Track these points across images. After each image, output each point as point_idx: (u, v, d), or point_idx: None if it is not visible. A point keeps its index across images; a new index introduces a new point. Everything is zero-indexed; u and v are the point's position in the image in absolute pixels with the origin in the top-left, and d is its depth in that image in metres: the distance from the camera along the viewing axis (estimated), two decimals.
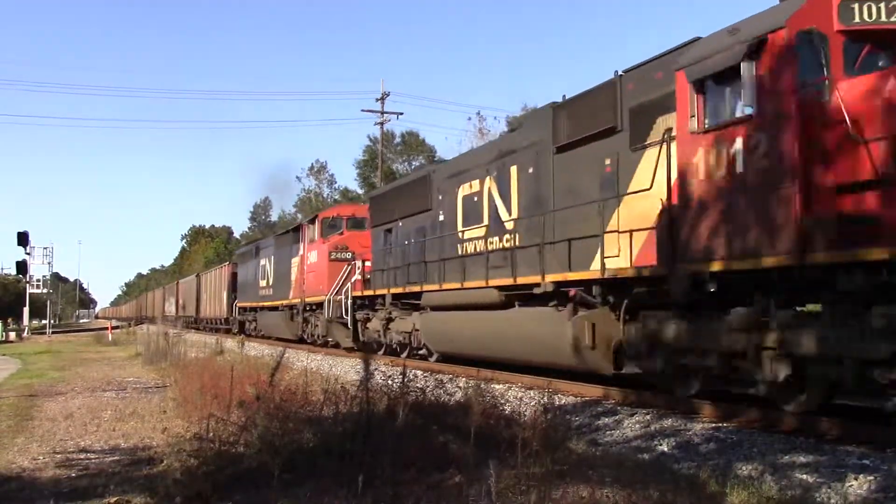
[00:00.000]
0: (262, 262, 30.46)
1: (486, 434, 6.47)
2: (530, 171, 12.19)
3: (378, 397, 7.05)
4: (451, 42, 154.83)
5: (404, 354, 17.08)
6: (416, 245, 16.32)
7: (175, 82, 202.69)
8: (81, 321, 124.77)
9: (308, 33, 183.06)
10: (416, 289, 15.76)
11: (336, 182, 74.18)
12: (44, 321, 68.46)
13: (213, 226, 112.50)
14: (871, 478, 5.73)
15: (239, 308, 34.86)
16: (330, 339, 22.02)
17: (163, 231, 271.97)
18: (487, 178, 13.47)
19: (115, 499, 5.83)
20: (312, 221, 24.28)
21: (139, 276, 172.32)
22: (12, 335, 46.13)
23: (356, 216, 23.13)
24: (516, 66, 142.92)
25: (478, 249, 13.70)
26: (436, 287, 14.89)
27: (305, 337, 24.39)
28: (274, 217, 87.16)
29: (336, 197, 68.02)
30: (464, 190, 14.43)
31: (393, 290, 17.16)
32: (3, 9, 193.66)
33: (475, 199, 13.92)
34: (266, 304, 29.31)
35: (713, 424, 8.03)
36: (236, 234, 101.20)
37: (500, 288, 12.54)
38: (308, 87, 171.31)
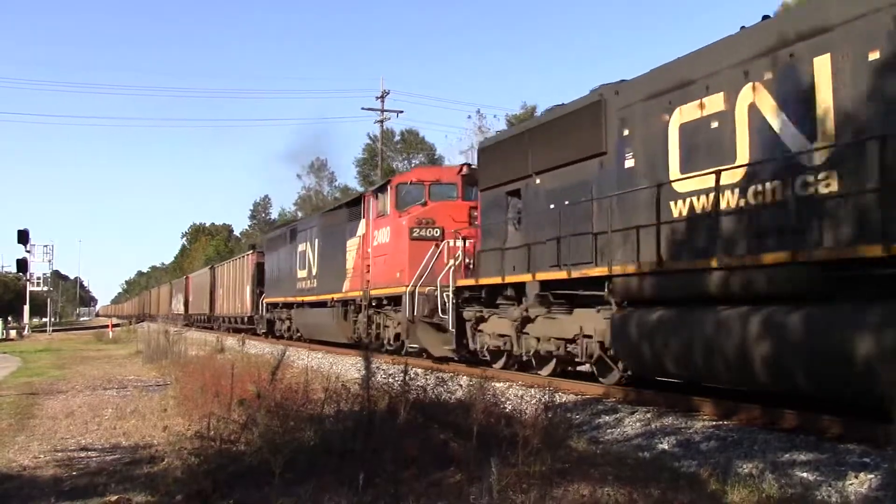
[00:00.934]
0: (302, 247, 24.62)
1: (487, 432, 6.47)
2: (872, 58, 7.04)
3: (379, 395, 7.05)
4: (450, 41, 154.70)
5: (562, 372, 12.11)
6: (579, 209, 10.76)
7: (175, 81, 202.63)
8: (82, 319, 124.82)
9: (308, 32, 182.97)
10: (600, 271, 10.02)
11: (336, 180, 74.23)
12: (44, 319, 68.53)
13: (213, 224, 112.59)
14: (872, 476, 5.73)
15: (267, 304, 29.42)
16: (412, 346, 16.58)
17: (163, 229, 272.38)
18: (748, 85, 8.27)
19: (115, 497, 5.83)
20: (382, 190, 18.08)
21: (139, 274, 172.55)
22: (13, 333, 46.11)
23: (442, 181, 17.53)
24: (516, 66, 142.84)
25: (730, 205, 8.37)
26: (650, 267, 9.23)
27: (367, 341, 17.97)
28: (274, 215, 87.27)
29: (336, 195, 67.93)
30: (684, 114, 9.13)
31: (547, 276, 11.23)
32: (3, 7, 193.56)
33: (714, 124, 8.69)
34: (307, 299, 23.42)
35: (713, 422, 8.04)
36: (236, 233, 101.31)
37: (823, 265, 7.23)
38: (308, 87, 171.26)
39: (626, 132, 10.09)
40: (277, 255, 28.17)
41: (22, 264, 48.18)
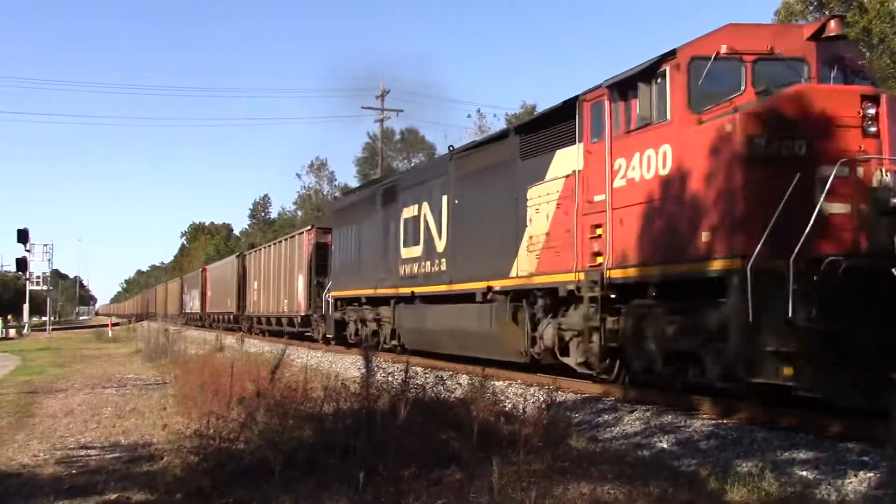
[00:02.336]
0: (409, 212, 16.37)
1: (487, 431, 6.47)
2: None
3: (379, 394, 7.05)
4: (451, 41, 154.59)
5: None
6: None
7: (174, 80, 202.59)
8: (81, 318, 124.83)
9: (307, 31, 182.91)
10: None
11: (336, 179, 74.21)
12: (44, 318, 68.48)
13: (212, 223, 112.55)
14: (871, 474, 5.73)
15: (336, 300, 20.94)
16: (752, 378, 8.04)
17: (163, 228, 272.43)
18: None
19: (115, 496, 5.83)
20: (646, 78, 9.38)
21: (139, 273, 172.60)
22: (12, 332, 46.11)
23: (778, 54, 9.04)
24: (516, 64, 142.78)
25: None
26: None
27: (574, 364, 10.77)
28: (273, 214, 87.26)
29: (336, 194, 67.80)
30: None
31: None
32: (3, 6, 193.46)
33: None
34: (425, 290, 15.28)
35: (713, 421, 8.04)
36: (236, 232, 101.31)
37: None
38: (308, 86, 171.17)
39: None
40: (357, 231, 19.64)
41: (21, 263, 48.13)
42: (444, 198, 14.71)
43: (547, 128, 11.59)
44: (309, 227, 25.48)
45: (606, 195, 9.83)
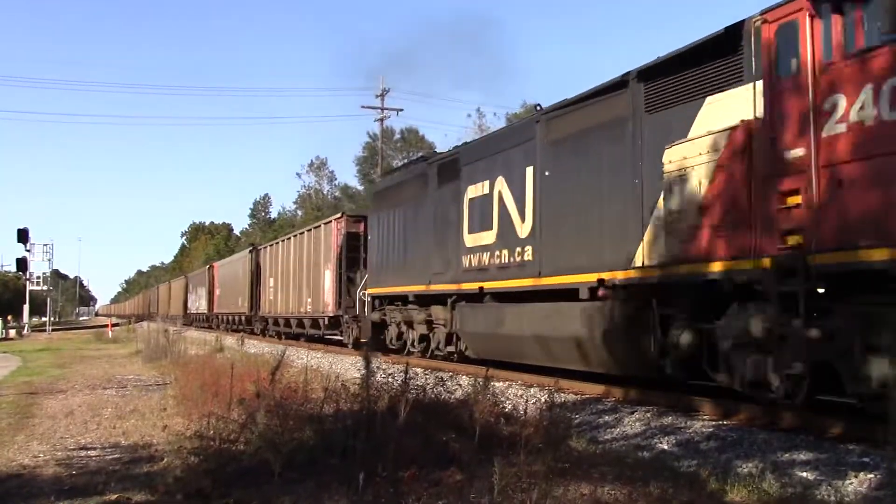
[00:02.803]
0: (475, 191, 13.36)
1: (487, 432, 6.48)
2: None
3: (379, 395, 7.05)
4: (450, 40, 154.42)
5: None
6: None
7: (174, 79, 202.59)
8: (81, 319, 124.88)
9: (307, 31, 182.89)
10: None
11: (336, 179, 74.24)
12: (44, 318, 68.52)
13: (212, 223, 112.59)
14: (872, 475, 5.73)
15: (374, 298, 17.85)
16: None
17: (163, 229, 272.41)
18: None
19: (115, 496, 5.83)
20: None
21: (139, 273, 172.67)
22: (12, 332, 46.10)
23: None
24: (516, 64, 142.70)
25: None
26: None
27: (739, 385, 8.20)
28: (274, 214, 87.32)
29: (336, 194, 67.87)
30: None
31: None
32: (4, 5, 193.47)
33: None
34: (506, 286, 12.32)
35: (713, 422, 8.03)
36: (236, 231, 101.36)
37: None
38: (307, 84, 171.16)
39: None
40: (402, 216, 16.42)
41: (21, 263, 48.13)
42: (529, 170, 11.72)
43: (688, 69, 8.83)
44: (339, 215, 22.56)
45: (810, 148, 7.11)
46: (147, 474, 6.51)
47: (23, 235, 46.52)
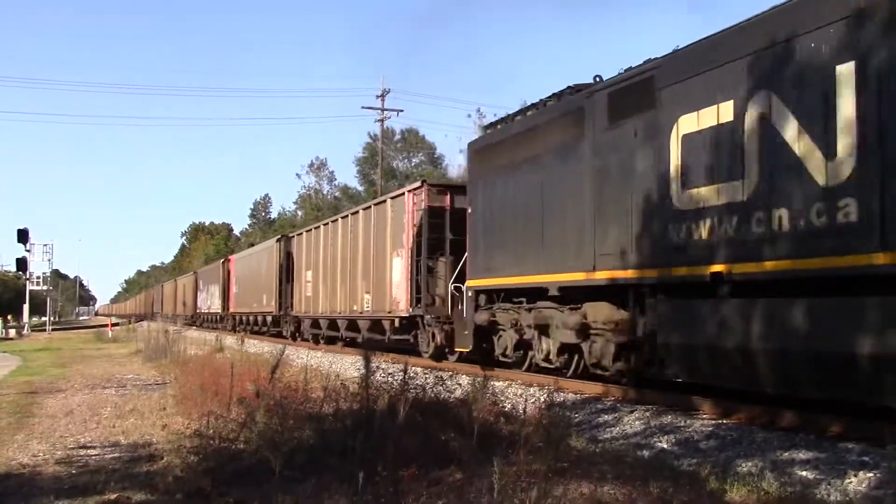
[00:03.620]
0: (709, 121, 8.24)
1: (487, 431, 6.48)
2: None
3: (378, 394, 7.05)
4: (451, 40, 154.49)
5: None
6: None
7: (174, 79, 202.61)
8: (81, 318, 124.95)
9: (307, 30, 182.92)
10: None
11: (336, 179, 74.22)
12: (44, 318, 68.52)
13: (212, 223, 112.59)
14: (872, 474, 5.73)
15: (478, 293, 13.11)
16: None
17: (163, 229, 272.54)
18: None
19: (115, 495, 5.82)
20: None
21: (139, 273, 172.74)
22: (12, 332, 46.11)
23: None
24: (515, 64, 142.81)
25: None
26: None
27: None
28: (274, 214, 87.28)
29: (336, 194, 67.87)
30: None
31: None
32: (5, 6, 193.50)
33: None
34: (794, 266, 7.19)
35: (713, 421, 8.04)
36: (236, 232, 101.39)
37: None
38: (308, 85, 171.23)
39: None
40: (530, 176, 11.72)
41: (22, 263, 48.14)
42: (841, 69, 6.87)
43: None
44: (417, 184, 16.75)
45: None
46: (147, 473, 6.51)
47: (23, 235, 46.53)
